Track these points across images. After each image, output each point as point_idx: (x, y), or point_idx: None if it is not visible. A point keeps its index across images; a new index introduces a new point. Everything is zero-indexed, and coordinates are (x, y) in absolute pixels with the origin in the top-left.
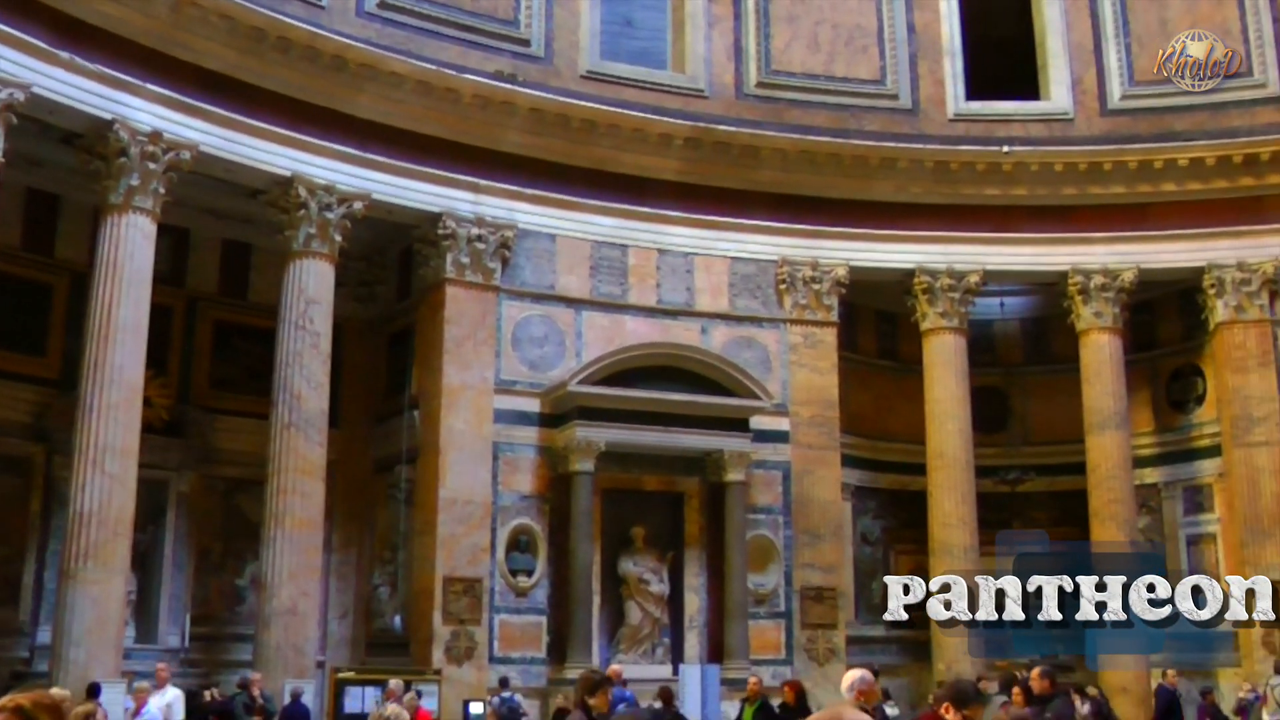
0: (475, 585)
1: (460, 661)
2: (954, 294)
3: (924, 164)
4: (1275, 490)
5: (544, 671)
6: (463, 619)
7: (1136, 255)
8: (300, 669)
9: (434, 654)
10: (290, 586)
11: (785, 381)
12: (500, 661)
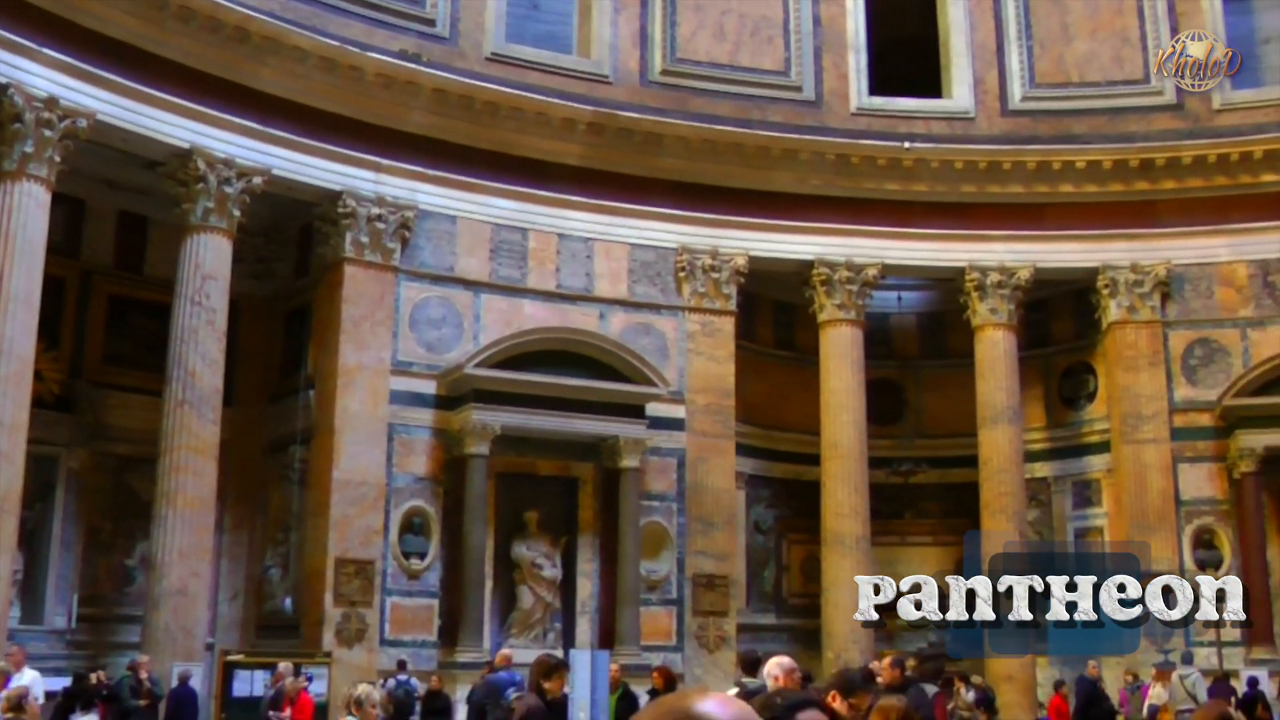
0: (367, 567)
1: (351, 644)
2: (852, 286)
3: (826, 157)
4: (1162, 486)
5: (434, 655)
6: (354, 601)
7: (1033, 254)
8: (189, 651)
9: (325, 636)
10: (181, 567)
11: (682, 369)
12: (391, 644)
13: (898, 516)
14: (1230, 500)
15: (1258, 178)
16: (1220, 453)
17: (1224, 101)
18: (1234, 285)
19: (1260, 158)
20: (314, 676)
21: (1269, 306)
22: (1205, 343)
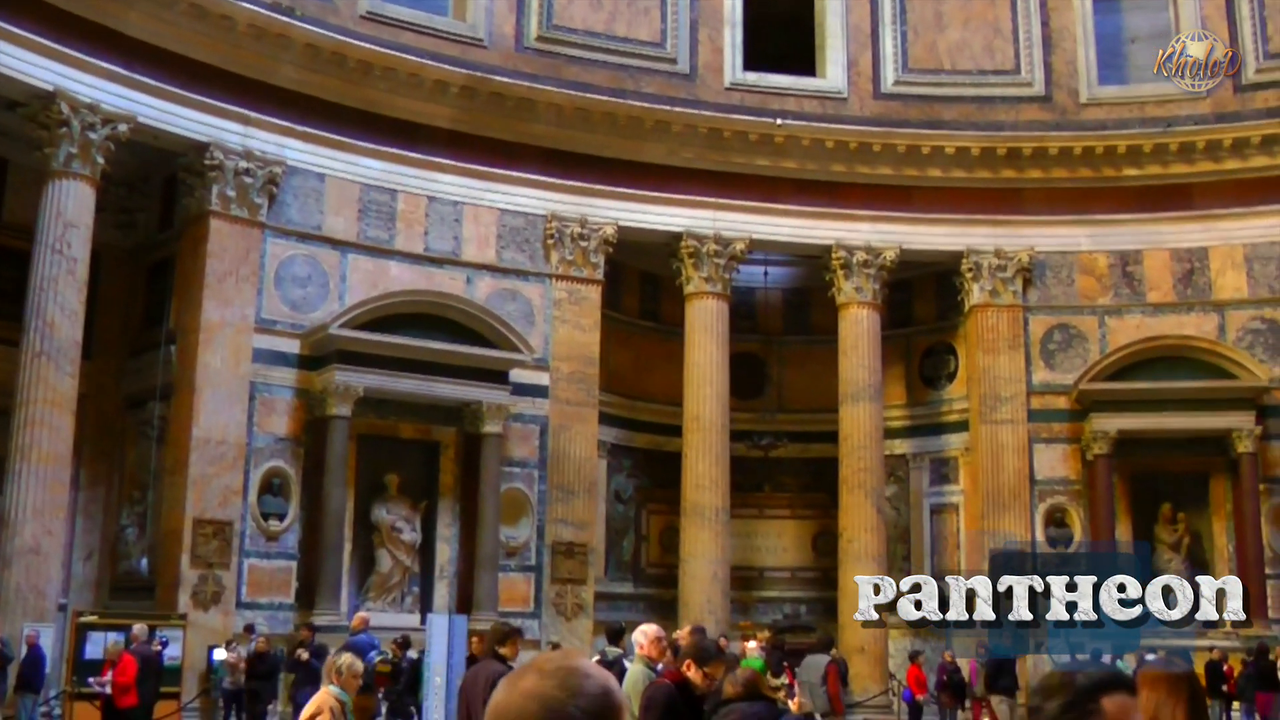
0: (225, 528)
1: (207, 606)
2: (719, 260)
3: (698, 130)
4: (1017, 466)
5: (291, 617)
6: (211, 563)
7: (899, 235)
8: (40, 612)
9: (180, 598)
10: (34, 524)
11: (547, 336)
12: (248, 607)
13: (757, 489)
14: (1083, 481)
15: (1120, 171)
16: (1075, 435)
17: (1090, 96)
18: (1094, 274)
19: (1123, 152)
20: (168, 640)
21: (1127, 295)
22: (1064, 328)
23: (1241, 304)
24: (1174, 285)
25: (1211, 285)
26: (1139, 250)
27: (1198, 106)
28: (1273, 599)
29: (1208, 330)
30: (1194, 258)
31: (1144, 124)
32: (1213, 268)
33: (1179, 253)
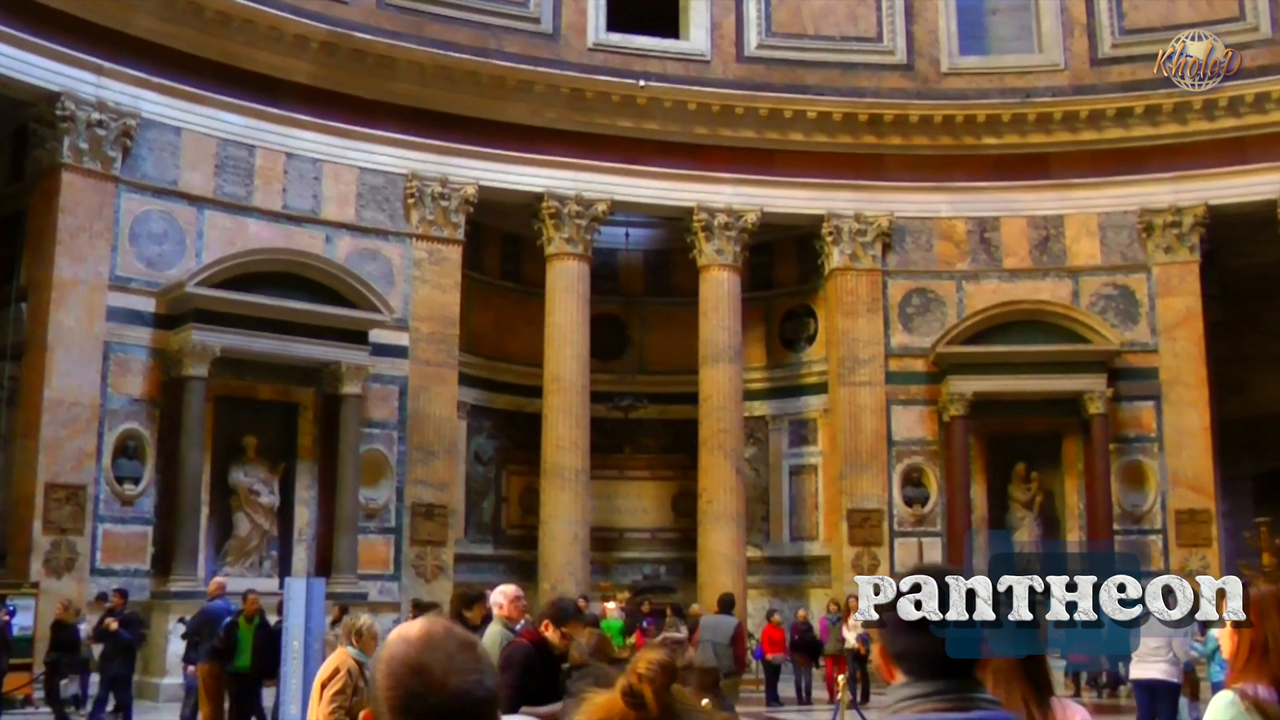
0: (79, 493)
1: (60, 574)
2: (581, 221)
3: (560, 90)
4: (874, 427)
5: (148, 584)
6: (64, 528)
7: (760, 198)
8: None
9: (32, 565)
10: None
11: (407, 296)
12: (103, 574)
13: (617, 451)
14: (939, 441)
15: (980, 140)
16: (932, 397)
17: (951, 66)
18: (952, 240)
19: (983, 121)
20: (17, 608)
21: (984, 261)
22: (922, 293)
23: (1095, 270)
24: (1030, 252)
25: (1066, 252)
26: (997, 217)
27: (1055, 79)
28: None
29: (1062, 296)
30: (1050, 225)
31: (1003, 94)
32: (1068, 235)
33: (1035, 220)
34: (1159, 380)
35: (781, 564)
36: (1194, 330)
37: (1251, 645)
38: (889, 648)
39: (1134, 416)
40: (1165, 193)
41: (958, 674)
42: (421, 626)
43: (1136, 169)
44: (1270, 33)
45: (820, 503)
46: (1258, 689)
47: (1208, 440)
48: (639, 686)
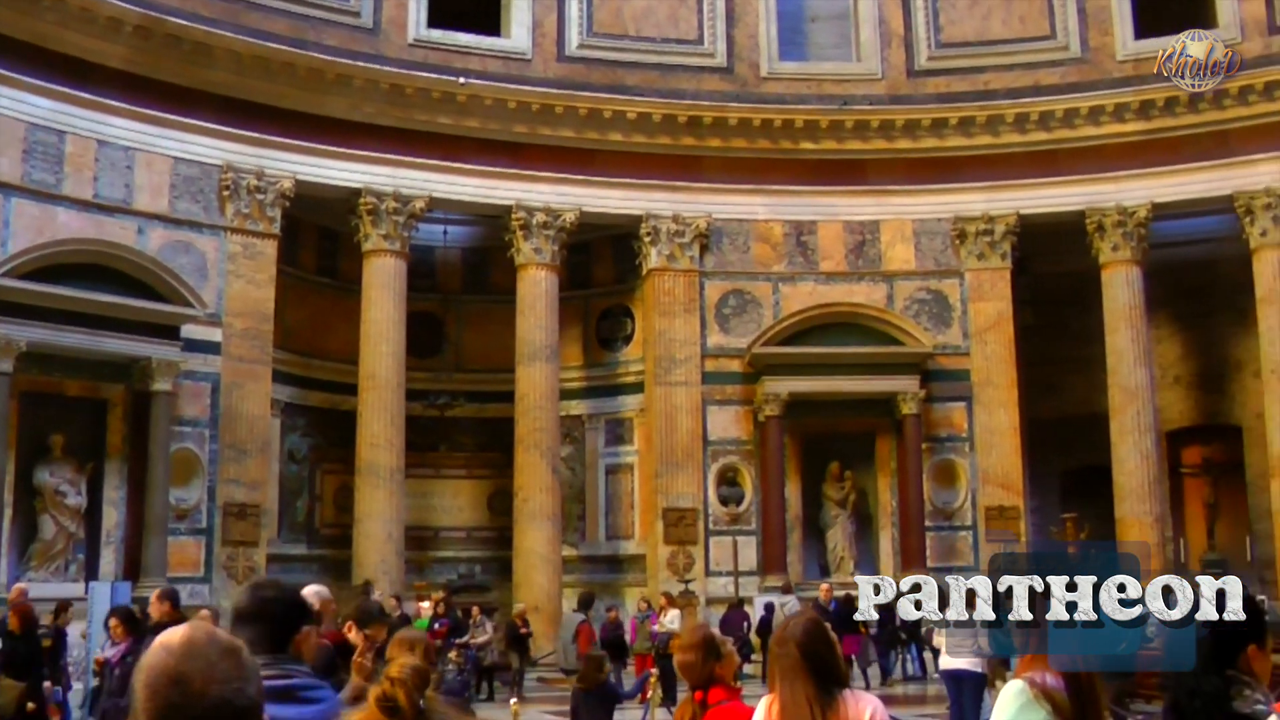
0: None
1: None
2: (398, 217)
3: (380, 85)
4: (690, 427)
5: None
6: None
7: (579, 198)
8: None
9: None
10: None
11: (221, 291)
12: None
13: (433, 449)
14: (754, 441)
15: (798, 144)
16: (747, 397)
17: (770, 70)
18: (769, 242)
19: (801, 126)
20: None
21: (800, 264)
22: (739, 294)
23: (909, 275)
24: (846, 255)
25: (882, 257)
26: (814, 221)
27: (873, 87)
28: (931, 550)
29: (877, 299)
30: (866, 230)
31: (821, 100)
32: (883, 240)
33: (852, 225)
34: (970, 382)
35: (597, 563)
36: (1004, 334)
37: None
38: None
39: (946, 417)
40: (978, 201)
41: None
42: (184, 633)
43: (951, 178)
44: (1080, 52)
45: (636, 501)
46: (1045, 678)
47: (1017, 439)
48: (392, 691)
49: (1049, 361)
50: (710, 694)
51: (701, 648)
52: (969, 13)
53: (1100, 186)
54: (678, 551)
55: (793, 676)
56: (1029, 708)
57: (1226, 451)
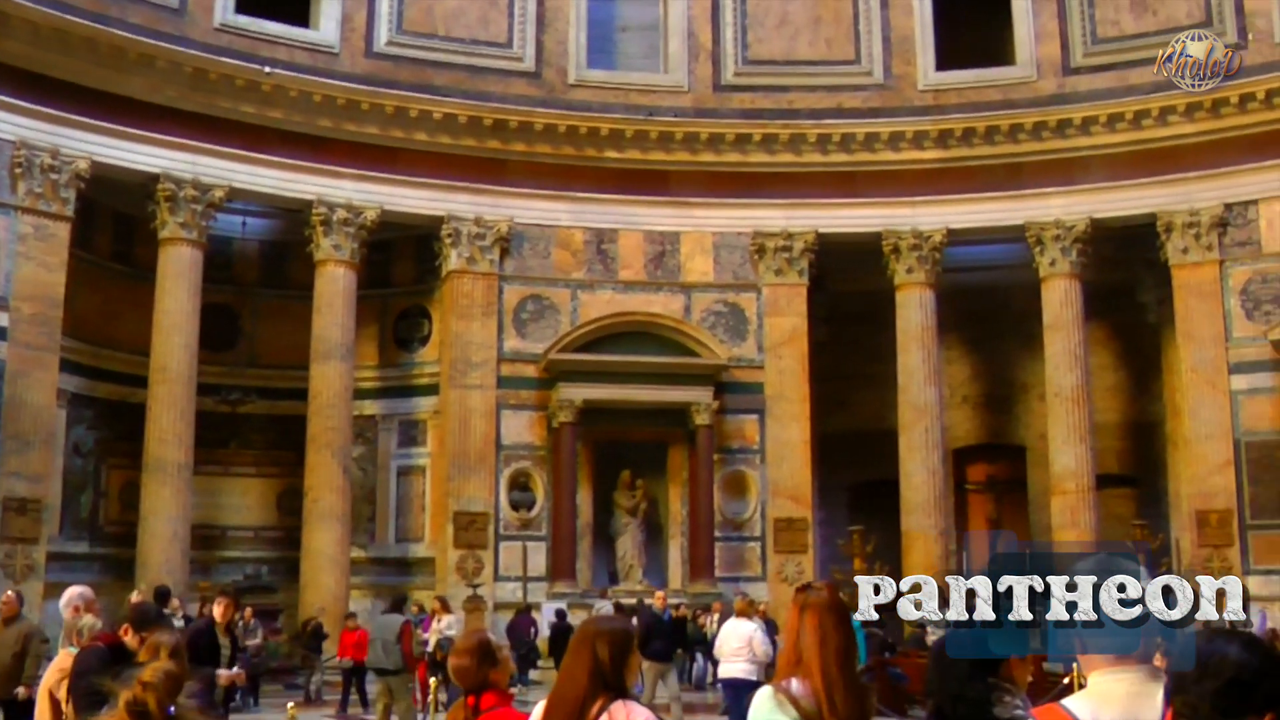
0: None
1: None
2: (197, 206)
3: (183, 68)
4: (484, 430)
5: None
6: None
7: (381, 196)
8: None
9: None
10: None
11: (9, 274)
12: None
13: (223, 446)
14: (548, 446)
15: (602, 153)
16: (542, 403)
17: (578, 77)
18: (570, 248)
19: (606, 134)
20: None
21: (600, 272)
22: (538, 299)
23: (707, 287)
24: (646, 265)
25: (681, 268)
26: (615, 229)
27: (679, 100)
28: (720, 560)
29: (675, 310)
30: (666, 241)
31: (627, 110)
32: (683, 251)
33: (653, 235)
34: (764, 395)
35: (386, 565)
36: (799, 349)
37: (791, 648)
38: None
39: (738, 428)
40: (778, 218)
41: None
42: None
43: (752, 193)
44: (883, 79)
45: (428, 504)
46: (791, 684)
47: (807, 453)
48: (143, 696)
49: (841, 377)
50: (483, 699)
51: (477, 652)
52: (777, 32)
53: (897, 210)
54: (467, 555)
55: (574, 673)
56: (776, 712)
57: (1010, 470)
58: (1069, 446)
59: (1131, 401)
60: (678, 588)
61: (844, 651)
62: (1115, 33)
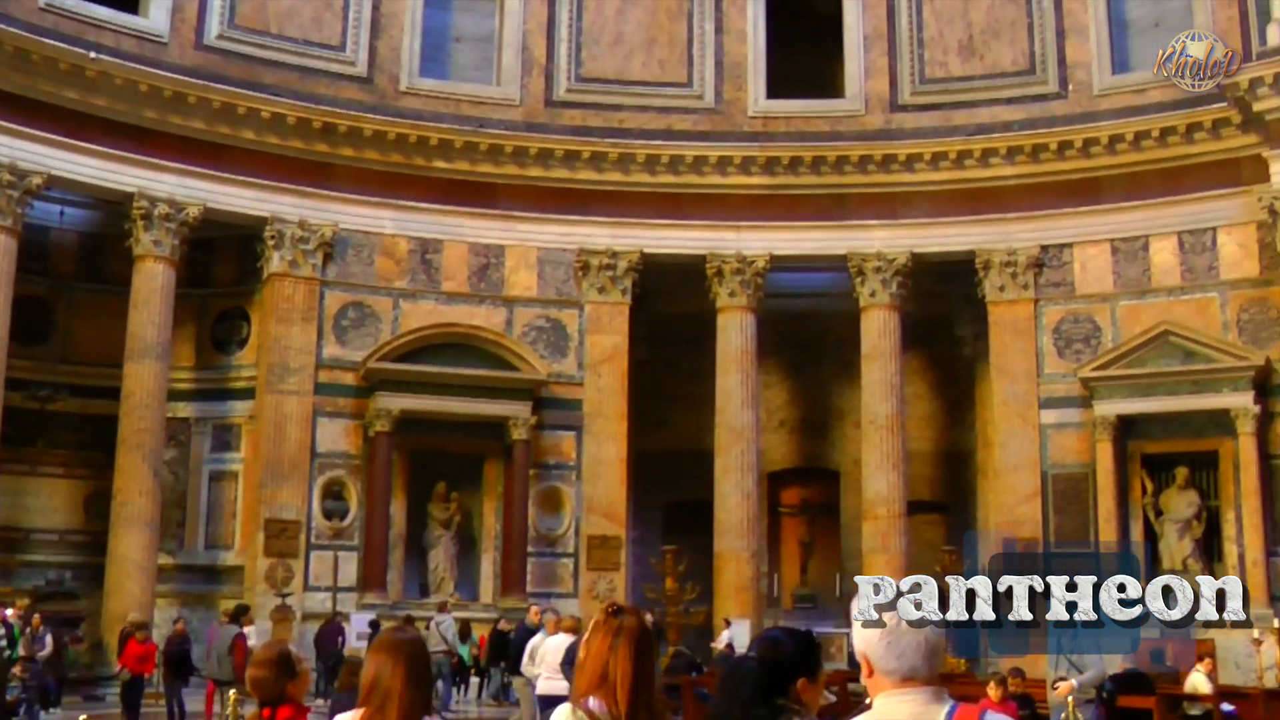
0: None
1: None
2: (13, 192)
3: (4, 47)
4: (299, 437)
5: None
6: None
7: (205, 193)
8: None
9: None
10: None
11: None
12: None
13: (30, 444)
14: (363, 456)
15: (430, 162)
16: (359, 411)
17: (410, 85)
18: (394, 257)
19: (435, 144)
20: None
21: (423, 282)
22: (359, 306)
23: (530, 302)
24: (469, 277)
25: (505, 281)
26: (440, 240)
27: (510, 113)
28: (532, 576)
29: (497, 323)
30: (491, 254)
31: (458, 120)
32: (507, 265)
33: (477, 247)
34: (582, 412)
35: (194, 572)
36: (619, 367)
37: (598, 668)
38: None
39: (555, 445)
40: (604, 236)
41: None
42: None
43: (578, 210)
44: (714, 103)
45: (239, 511)
46: (590, 701)
47: (623, 471)
48: None
49: (660, 397)
50: (279, 712)
51: (275, 664)
52: (611, 51)
53: (723, 234)
54: (277, 564)
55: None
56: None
57: (824, 494)
58: (882, 473)
59: (945, 431)
60: (489, 602)
61: (650, 675)
62: (943, 74)
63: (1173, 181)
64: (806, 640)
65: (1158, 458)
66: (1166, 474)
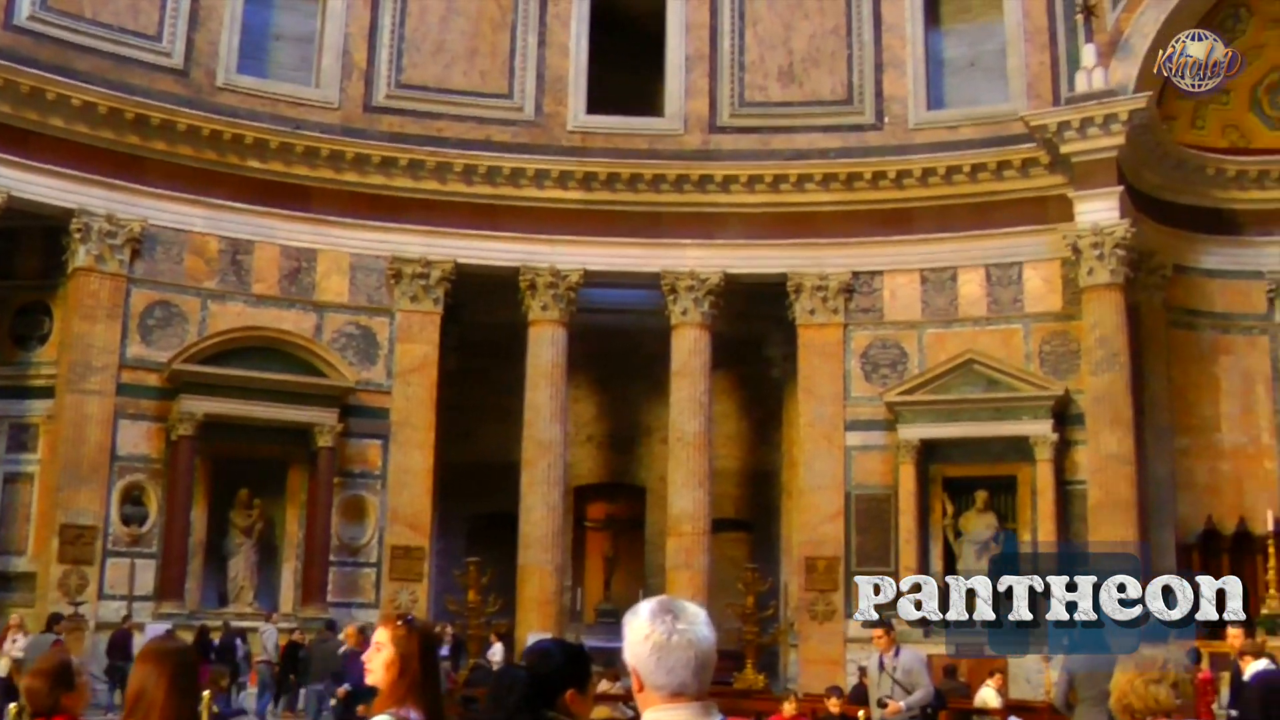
0: None
1: None
2: None
3: None
4: (99, 439)
5: None
6: None
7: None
8: None
9: None
10: None
11: None
12: None
13: None
14: (165, 460)
15: (244, 161)
16: (162, 413)
17: (226, 81)
18: (204, 256)
19: (250, 143)
20: None
21: (233, 283)
22: (166, 305)
23: (341, 308)
24: (280, 280)
25: (316, 286)
26: (251, 241)
27: (328, 116)
28: (334, 585)
29: (306, 328)
30: (303, 257)
31: (274, 120)
32: (319, 270)
33: (289, 250)
34: (390, 420)
35: None
36: (428, 377)
37: (412, 677)
38: None
39: (361, 453)
40: (417, 244)
41: None
42: None
43: (393, 217)
44: (534, 116)
45: (34, 515)
46: (409, 712)
47: (429, 481)
48: None
49: (469, 408)
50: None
51: (51, 675)
52: (433, 59)
53: (537, 246)
54: (71, 571)
55: (149, 709)
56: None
57: (629, 509)
58: (688, 490)
59: (751, 450)
60: (289, 611)
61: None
62: (762, 98)
63: (982, 216)
64: (577, 652)
65: (958, 481)
66: (966, 497)
